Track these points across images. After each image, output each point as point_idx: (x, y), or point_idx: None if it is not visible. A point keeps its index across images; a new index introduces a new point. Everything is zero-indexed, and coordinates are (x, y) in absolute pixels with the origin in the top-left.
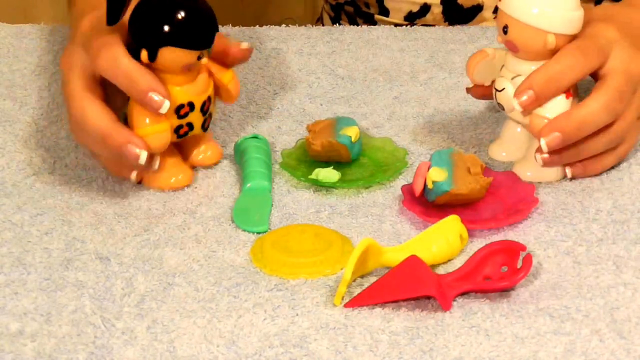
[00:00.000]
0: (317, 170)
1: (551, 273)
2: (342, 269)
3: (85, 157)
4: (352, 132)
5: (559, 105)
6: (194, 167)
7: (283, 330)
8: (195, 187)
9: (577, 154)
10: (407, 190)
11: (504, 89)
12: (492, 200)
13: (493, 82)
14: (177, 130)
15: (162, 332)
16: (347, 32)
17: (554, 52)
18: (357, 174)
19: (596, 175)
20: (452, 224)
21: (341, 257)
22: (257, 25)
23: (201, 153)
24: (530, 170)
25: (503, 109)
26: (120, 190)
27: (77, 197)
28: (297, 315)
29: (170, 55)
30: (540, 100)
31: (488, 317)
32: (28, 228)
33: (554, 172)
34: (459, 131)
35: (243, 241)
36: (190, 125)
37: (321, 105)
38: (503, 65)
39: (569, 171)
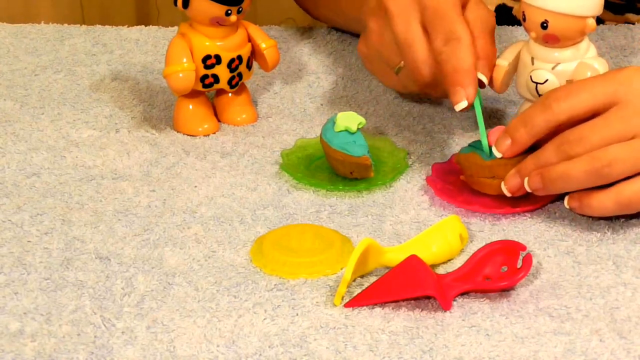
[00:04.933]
0: (339, 115)
1: (551, 273)
2: (342, 269)
3: (86, 157)
4: (351, 123)
5: None
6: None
7: (283, 330)
8: (195, 187)
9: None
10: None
11: (546, 80)
12: None
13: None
14: (202, 79)
15: (162, 332)
16: (348, 32)
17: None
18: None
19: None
20: (452, 224)
21: (341, 257)
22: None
23: (237, 114)
24: None
25: None
26: (120, 190)
27: (77, 196)
28: (297, 315)
29: (199, 5)
30: None
31: (488, 317)
32: (28, 228)
33: None
34: (460, 131)
35: (243, 241)
36: (216, 78)
37: (321, 105)
38: (532, 58)
39: (526, 183)
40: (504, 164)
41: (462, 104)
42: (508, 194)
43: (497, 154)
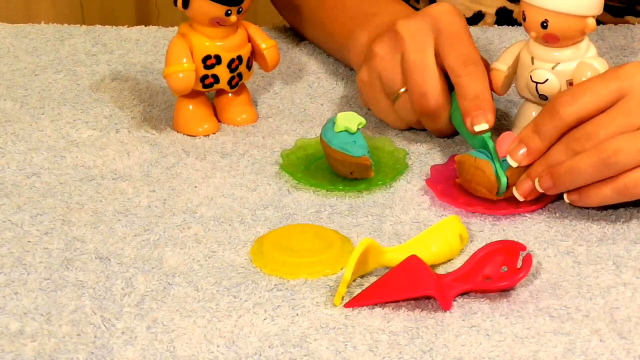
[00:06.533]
0: (339, 115)
1: (551, 273)
2: (342, 269)
3: (86, 157)
4: (351, 123)
5: None
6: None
7: (283, 330)
8: (195, 187)
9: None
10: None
11: (546, 80)
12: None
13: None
14: (202, 79)
15: (162, 332)
16: None
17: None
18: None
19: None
20: (452, 224)
21: (341, 257)
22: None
23: (237, 114)
24: None
25: (545, 99)
26: (120, 190)
27: (77, 197)
28: (297, 315)
29: (199, 5)
30: None
31: (488, 317)
32: (28, 228)
33: None
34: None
35: (243, 241)
36: (216, 78)
37: (321, 105)
38: (532, 58)
39: (537, 184)
40: (517, 172)
41: (483, 126)
42: (521, 199)
43: (514, 164)
